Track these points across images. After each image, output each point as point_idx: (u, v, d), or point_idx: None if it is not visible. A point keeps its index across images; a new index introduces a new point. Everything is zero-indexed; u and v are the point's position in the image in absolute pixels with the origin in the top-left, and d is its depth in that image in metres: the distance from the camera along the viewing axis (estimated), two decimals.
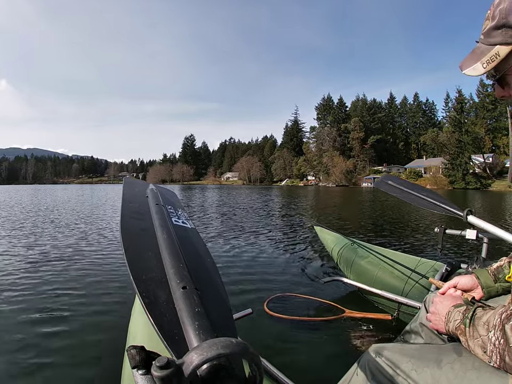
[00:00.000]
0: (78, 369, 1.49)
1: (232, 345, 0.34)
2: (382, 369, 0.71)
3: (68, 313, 2.09)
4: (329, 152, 61.36)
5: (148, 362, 0.33)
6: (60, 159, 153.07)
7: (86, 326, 1.91)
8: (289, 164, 73.60)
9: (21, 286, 2.59)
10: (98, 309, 2.16)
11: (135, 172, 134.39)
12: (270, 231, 5.55)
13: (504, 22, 0.58)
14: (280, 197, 18.53)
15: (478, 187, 37.12)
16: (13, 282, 2.70)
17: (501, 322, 0.61)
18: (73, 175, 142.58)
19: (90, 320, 2.00)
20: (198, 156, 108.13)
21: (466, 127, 41.09)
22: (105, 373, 1.43)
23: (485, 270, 0.95)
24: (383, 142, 63.28)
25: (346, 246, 2.35)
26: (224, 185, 70.57)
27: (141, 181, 1.13)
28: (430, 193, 1.85)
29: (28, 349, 1.66)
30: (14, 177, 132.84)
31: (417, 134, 65.25)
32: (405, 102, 72.40)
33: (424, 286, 1.74)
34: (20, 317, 2.04)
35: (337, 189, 40.45)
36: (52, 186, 65.15)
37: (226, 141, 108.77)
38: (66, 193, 23.92)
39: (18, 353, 1.62)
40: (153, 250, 0.63)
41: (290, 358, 1.58)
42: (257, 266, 3.28)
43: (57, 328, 1.89)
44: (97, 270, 3.06)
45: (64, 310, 2.15)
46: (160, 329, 0.45)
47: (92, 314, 2.08)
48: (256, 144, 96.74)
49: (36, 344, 1.70)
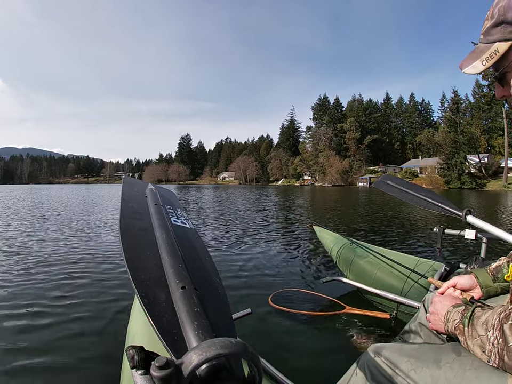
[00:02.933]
0: (78, 369, 1.49)
1: (231, 345, 0.34)
2: (381, 369, 0.71)
3: (67, 314, 2.08)
4: (325, 152, 61.38)
5: (147, 363, 0.33)
6: (55, 159, 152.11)
7: (85, 326, 1.91)
8: (286, 164, 73.74)
9: (20, 286, 2.59)
10: (97, 309, 2.15)
11: (131, 172, 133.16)
12: (268, 231, 5.55)
13: (502, 19, 0.58)
14: (276, 196, 18.54)
15: (473, 187, 37.16)
16: (12, 282, 2.69)
17: (499, 322, 0.61)
18: (69, 174, 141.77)
19: (90, 320, 1.99)
20: (194, 155, 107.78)
21: (461, 127, 41.14)
22: (104, 373, 1.43)
23: (484, 269, 0.95)
24: (379, 142, 63.38)
25: (345, 246, 2.36)
26: (220, 185, 70.64)
27: (140, 180, 1.13)
28: (429, 193, 1.85)
29: (27, 349, 1.65)
30: (9, 177, 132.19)
31: (413, 134, 65.33)
32: (400, 102, 72.54)
33: (423, 285, 1.74)
34: (18, 317, 2.04)
35: (333, 188, 40.52)
36: (47, 186, 65.03)
37: (223, 141, 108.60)
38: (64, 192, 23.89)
39: (17, 353, 1.61)
40: (152, 250, 0.63)
41: (290, 356, 1.58)
42: (256, 266, 3.28)
43: (56, 328, 1.88)
44: (96, 270, 3.05)
45: (63, 310, 2.14)
46: (159, 329, 0.45)
47: (91, 315, 2.07)
48: (252, 144, 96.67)
49: (35, 344, 1.70)
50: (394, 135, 68.28)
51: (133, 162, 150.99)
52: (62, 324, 1.94)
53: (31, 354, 1.60)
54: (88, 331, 1.85)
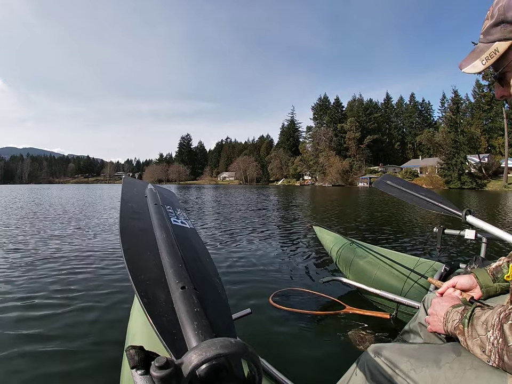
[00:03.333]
0: (77, 369, 1.49)
1: (231, 345, 0.34)
2: (381, 369, 0.71)
3: (67, 313, 2.08)
4: (326, 152, 61.41)
5: (147, 363, 0.33)
6: (55, 159, 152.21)
7: (85, 326, 1.91)
8: (286, 164, 73.79)
9: (19, 286, 2.59)
10: (97, 309, 2.15)
11: (131, 172, 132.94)
12: (267, 231, 5.55)
13: (502, 18, 0.58)
14: (276, 196, 18.55)
15: (473, 187, 37.14)
16: (11, 282, 2.69)
17: (499, 322, 0.61)
18: (69, 174, 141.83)
19: (89, 320, 1.99)
20: (194, 155, 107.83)
21: (462, 127, 41.13)
22: (104, 373, 1.43)
23: (484, 269, 0.95)
24: (379, 142, 63.37)
25: (345, 246, 2.35)
26: (220, 185, 70.63)
27: (140, 180, 1.12)
28: (429, 193, 1.85)
29: (26, 349, 1.65)
30: (9, 176, 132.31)
31: (413, 134, 65.30)
32: (401, 102, 72.50)
33: (423, 285, 1.74)
34: (17, 316, 2.04)
35: (333, 188, 40.53)
36: (48, 185, 64.97)
37: (223, 141, 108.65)
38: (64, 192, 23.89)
39: (16, 353, 1.61)
40: (152, 250, 0.63)
41: (290, 356, 1.58)
42: (256, 266, 3.28)
43: (56, 328, 1.88)
44: (95, 270, 3.05)
45: (63, 310, 2.14)
46: (159, 329, 0.45)
47: (91, 314, 2.07)
48: (252, 144, 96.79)
49: (34, 345, 1.70)
50: (394, 135, 68.27)
51: (133, 162, 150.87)
52: (62, 323, 1.94)
53: (30, 355, 1.60)
54: (87, 331, 1.85)
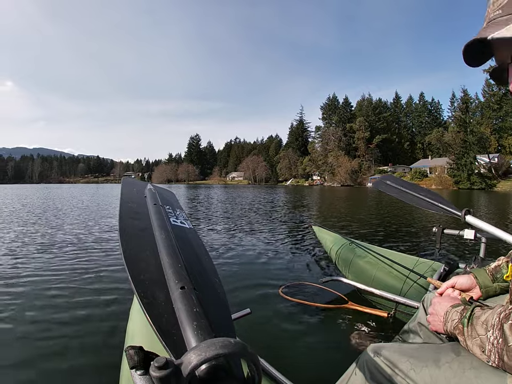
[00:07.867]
0: (77, 369, 1.48)
1: (230, 345, 0.34)
2: (381, 369, 0.71)
3: (66, 313, 2.08)
4: (335, 152, 61.18)
5: (146, 363, 0.33)
6: (65, 159, 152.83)
7: (84, 326, 1.90)
8: (295, 164, 73.55)
9: (18, 286, 2.58)
10: (96, 309, 2.15)
11: (141, 172, 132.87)
12: (270, 231, 5.54)
13: None
14: (286, 195, 18.59)
15: (483, 187, 36.72)
16: (10, 281, 2.69)
17: (499, 322, 0.61)
18: (79, 174, 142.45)
19: (89, 320, 1.99)
20: (203, 155, 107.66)
21: (471, 127, 40.54)
22: (103, 373, 1.43)
23: (483, 269, 0.96)
24: (388, 142, 62.95)
25: (344, 246, 2.36)
26: (229, 184, 70.56)
27: (140, 181, 1.13)
28: (429, 193, 1.85)
29: (25, 349, 1.65)
30: (20, 176, 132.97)
31: (422, 133, 64.45)
32: (410, 101, 71.62)
33: (423, 285, 1.75)
34: (16, 316, 2.03)
35: (342, 188, 40.44)
36: (58, 185, 64.91)
37: (232, 141, 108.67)
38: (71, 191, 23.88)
39: (15, 353, 1.61)
40: (151, 251, 0.63)
41: (289, 356, 1.58)
42: (256, 265, 3.28)
43: (55, 328, 1.88)
44: (95, 270, 3.04)
45: (62, 310, 2.14)
46: (159, 329, 0.45)
47: (90, 315, 2.07)
48: (261, 144, 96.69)
49: (33, 345, 1.69)
50: (404, 134, 67.68)
51: (142, 162, 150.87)
52: (61, 323, 1.94)
53: (29, 355, 1.60)
54: (87, 331, 1.85)
